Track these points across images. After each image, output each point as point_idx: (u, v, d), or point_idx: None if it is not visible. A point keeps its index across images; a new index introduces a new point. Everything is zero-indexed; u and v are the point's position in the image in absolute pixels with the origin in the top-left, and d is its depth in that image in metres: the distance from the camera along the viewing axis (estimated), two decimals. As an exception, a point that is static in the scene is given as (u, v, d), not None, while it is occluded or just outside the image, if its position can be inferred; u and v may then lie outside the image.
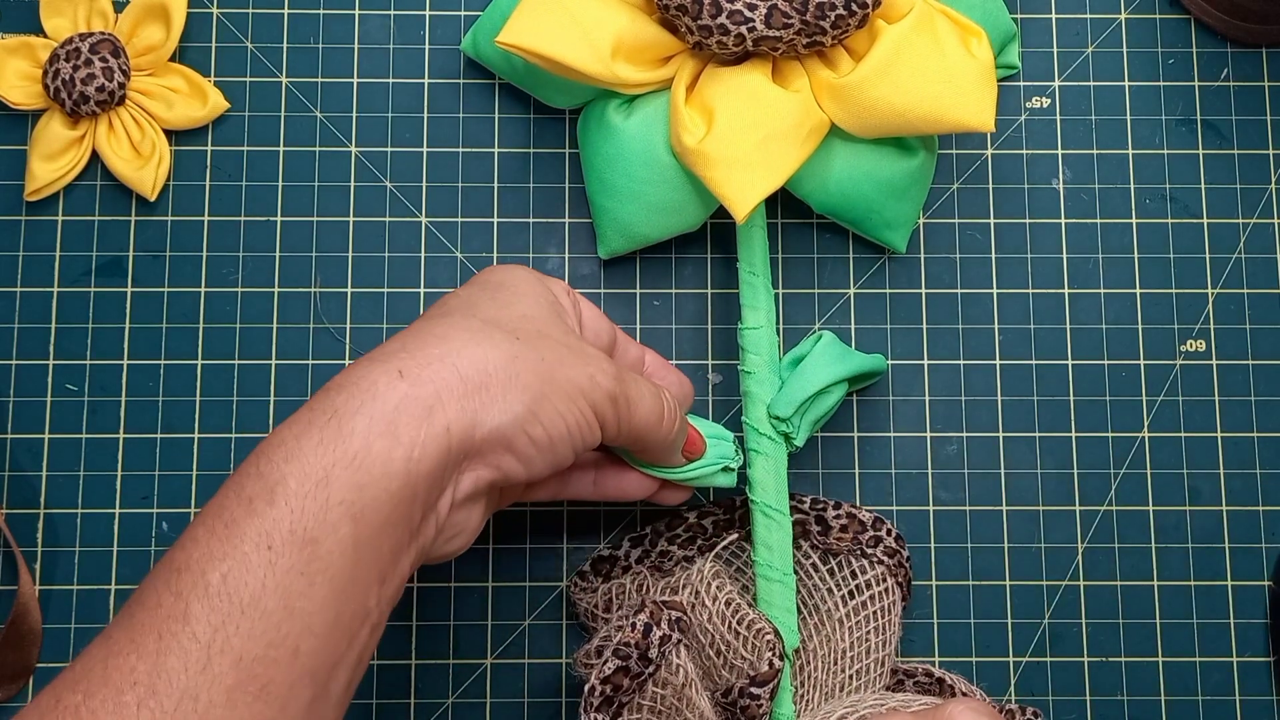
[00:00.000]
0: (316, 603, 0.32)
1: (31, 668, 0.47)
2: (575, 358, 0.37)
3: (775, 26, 0.43)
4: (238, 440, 0.48)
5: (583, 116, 0.48)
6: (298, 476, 0.32)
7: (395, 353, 0.35)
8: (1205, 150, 0.51)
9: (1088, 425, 0.49)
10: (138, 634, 0.31)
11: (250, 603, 0.31)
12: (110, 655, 0.31)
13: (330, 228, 0.50)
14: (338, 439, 0.33)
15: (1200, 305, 0.50)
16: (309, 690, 0.32)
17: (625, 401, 0.38)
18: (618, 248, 0.48)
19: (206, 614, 0.31)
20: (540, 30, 0.43)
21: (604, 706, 0.39)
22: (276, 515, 0.32)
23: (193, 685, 0.30)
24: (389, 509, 0.33)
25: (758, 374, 0.45)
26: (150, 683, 0.30)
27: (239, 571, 0.31)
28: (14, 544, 0.47)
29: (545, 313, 0.39)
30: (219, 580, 0.31)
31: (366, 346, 0.49)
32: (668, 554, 0.47)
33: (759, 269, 0.46)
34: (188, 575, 0.31)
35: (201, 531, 0.32)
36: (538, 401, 0.36)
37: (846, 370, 0.45)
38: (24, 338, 0.49)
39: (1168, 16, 0.52)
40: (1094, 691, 0.48)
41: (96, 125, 0.49)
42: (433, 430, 0.34)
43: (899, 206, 0.47)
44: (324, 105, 0.50)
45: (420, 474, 0.33)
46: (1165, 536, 0.48)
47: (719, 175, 0.43)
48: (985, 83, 0.44)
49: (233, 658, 0.31)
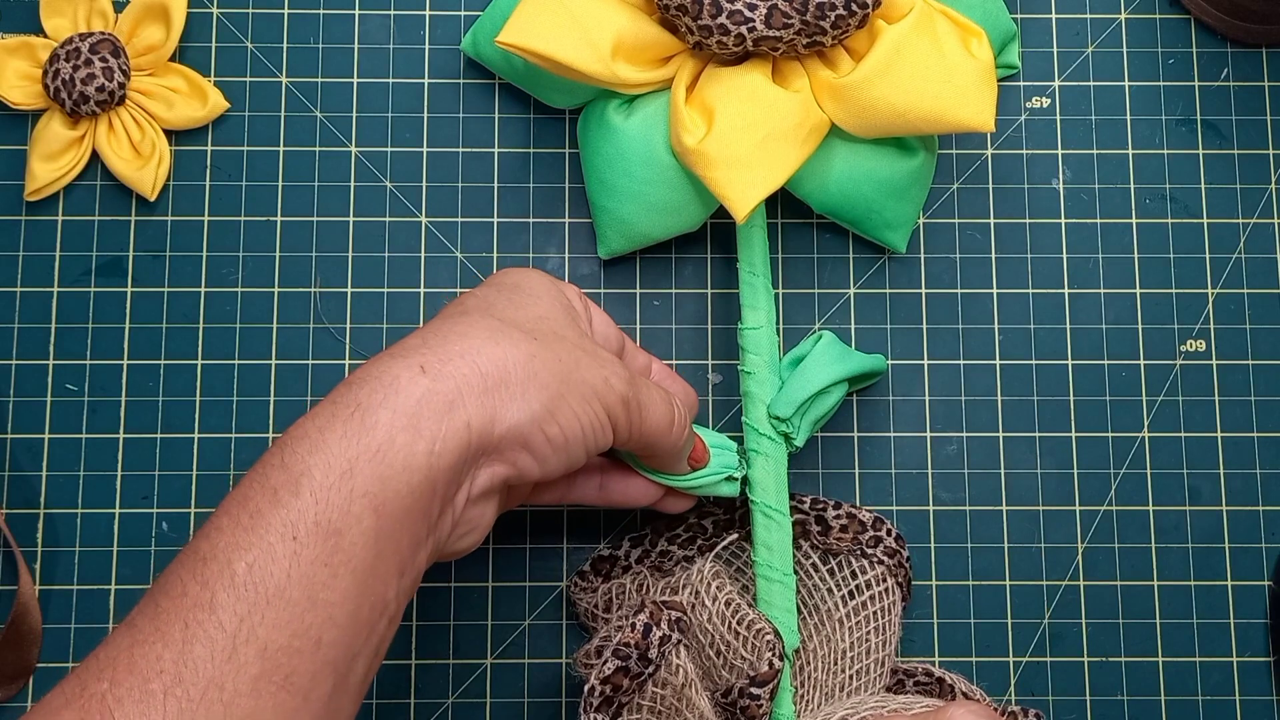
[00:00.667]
0: (339, 594, 0.32)
1: (31, 668, 0.47)
2: (591, 359, 0.38)
3: (775, 26, 0.43)
4: (238, 440, 0.48)
5: (583, 117, 0.48)
6: (322, 468, 0.32)
7: (417, 348, 0.35)
8: (1205, 150, 0.51)
9: (1088, 425, 0.49)
10: (163, 623, 0.31)
11: (275, 593, 0.31)
12: (136, 644, 0.31)
13: (330, 228, 0.50)
14: (361, 431, 0.33)
15: (1200, 305, 0.50)
16: (330, 680, 0.32)
17: (637, 405, 0.39)
18: (618, 248, 0.48)
19: (233, 603, 0.31)
20: (540, 30, 0.43)
21: (604, 707, 0.39)
22: (302, 506, 0.32)
23: (218, 674, 0.30)
24: (410, 502, 0.33)
25: (758, 374, 0.45)
26: (176, 671, 0.30)
27: (265, 561, 0.31)
28: (14, 544, 0.47)
29: (560, 315, 0.39)
30: (245, 570, 0.31)
31: (366, 346, 0.49)
32: (668, 554, 0.47)
33: (759, 269, 0.46)
34: (213, 564, 0.32)
35: (226, 521, 0.32)
36: (555, 401, 0.36)
37: (847, 370, 0.45)
38: (24, 338, 0.49)
39: (1168, 16, 0.52)
40: (1094, 691, 0.48)
41: (96, 125, 0.49)
42: (454, 425, 0.34)
43: (899, 206, 0.47)
44: (324, 105, 0.50)
45: (441, 468, 0.34)
46: (1165, 536, 0.48)
47: (719, 175, 0.43)
48: (985, 83, 0.44)
49: (258, 647, 0.31)
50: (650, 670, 0.39)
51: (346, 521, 0.32)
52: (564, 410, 0.36)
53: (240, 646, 0.31)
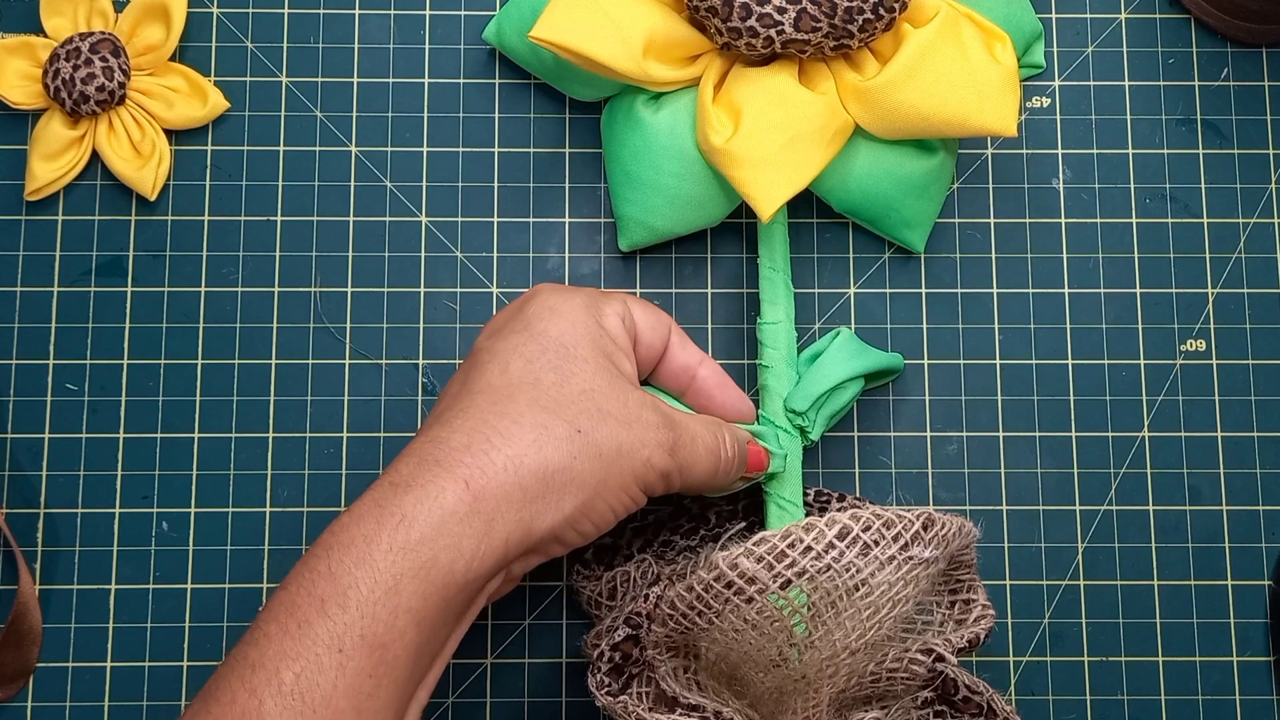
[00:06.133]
0: (381, 701, 0.33)
1: (31, 668, 0.47)
2: (633, 439, 0.38)
3: (804, 30, 0.43)
4: (238, 440, 0.48)
5: (607, 110, 0.48)
6: (369, 583, 0.34)
7: (461, 454, 0.36)
8: (1205, 150, 0.51)
9: (1088, 425, 0.49)
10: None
11: (321, 703, 0.32)
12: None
13: (330, 228, 0.50)
14: (406, 548, 0.34)
15: (1200, 305, 0.50)
16: None
17: (679, 472, 0.40)
18: (639, 240, 0.48)
19: (280, 712, 0.32)
20: (575, 27, 0.43)
21: (613, 674, 0.39)
22: (348, 620, 0.33)
23: None
24: (447, 612, 0.35)
25: (775, 368, 0.45)
26: None
27: (311, 672, 0.32)
28: (14, 544, 0.47)
29: (604, 380, 0.39)
30: (292, 679, 0.32)
31: (366, 346, 0.49)
32: (670, 543, 0.47)
33: (779, 264, 0.46)
34: (262, 673, 0.33)
35: (274, 629, 0.33)
36: (591, 499, 0.37)
37: (863, 366, 0.46)
38: (24, 338, 0.49)
39: (1168, 16, 0.52)
40: (1094, 691, 0.48)
41: (96, 125, 0.49)
42: (492, 544, 0.35)
43: (918, 205, 0.48)
44: (324, 105, 0.50)
45: (477, 578, 0.35)
46: (1165, 536, 0.49)
47: (745, 175, 0.44)
48: (1008, 88, 0.44)
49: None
50: None
51: (391, 636, 0.33)
52: (599, 505, 0.38)
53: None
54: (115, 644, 0.47)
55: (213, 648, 0.47)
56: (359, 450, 0.48)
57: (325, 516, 0.48)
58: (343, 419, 0.49)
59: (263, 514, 0.48)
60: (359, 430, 0.48)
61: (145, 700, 0.47)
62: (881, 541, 0.38)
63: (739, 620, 0.38)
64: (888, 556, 0.38)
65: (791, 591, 0.38)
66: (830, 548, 0.37)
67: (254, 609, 0.47)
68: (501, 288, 0.50)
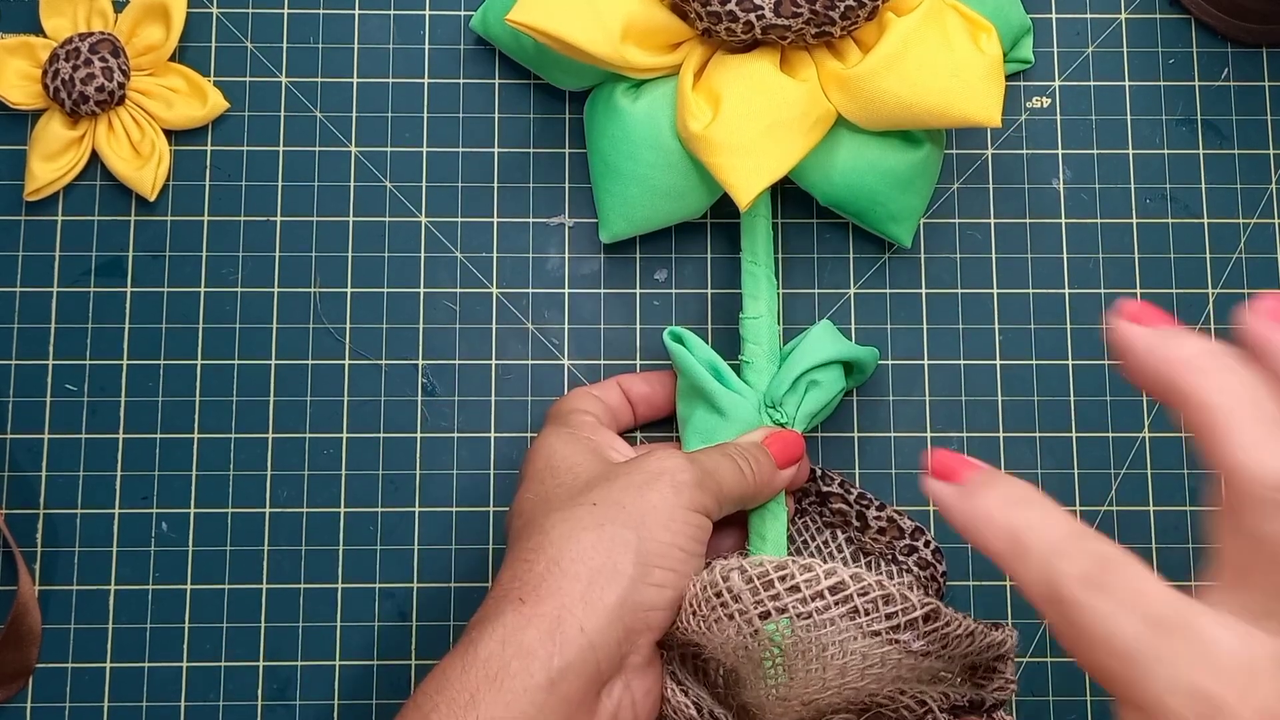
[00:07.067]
0: None
1: (31, 668, 0.47)
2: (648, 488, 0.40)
3: (784, 15, 0.43)
4: (237, 440, 0.48)
5: (590, 99, 0.48)
6: (448, 703, 0.36)
7: (508, 585, 0.38)
8: (1205, 150, 0.51)
9: (1088, 425, 0.49)
10: None
11: None
12: None
13: (330, 228, 0.50)
14: (475, 663, 0.36)
15: (1200, 305, 0.50)
16: None
17: (713, 479, 0.41)
18: (619, 231, 0.48)
19: None
20: (552, 10, 0.43)
21: None
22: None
23: None
24: (537, 715, 0.36)
25: (755, 364, 0.45)
26: None
27: None
28: (14, 544, 0.47)
29: (601, 478, 0.41)
30: None
31: (366, 346, 0.49)
32: None
33: (761, 259, 0.46)
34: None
35: None
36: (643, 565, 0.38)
37: (837, 352, 0.45)
38: (24, 338, 0.49)
39: (1168, 16, 0.52)
40: (1094, 692, 0.48)
41: (96, 125, 0.49)
42: (565, 636, 0.36)
43: (904, 199, 0.47)
44: (324, 105, 0.50)
45: (567, 673, 0.36)
46: (1165, 536, 0.48)
47: (723, 161, 0.43)
48: (993, 78, 0.44)
49: None
50: None
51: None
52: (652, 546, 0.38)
53: None
54: (115, 644, 0.47)
55: (212, 648, 0.47)
56: (358, 451, 0.48)
57: (325, 517, 0.48)
58: (342, 419, 0.48)
59: (262, 514, 0.48)
60: (358, 431, 0.48)
61: (145, 701, 0.47)
62: (873, 613, 0.37)
63: (723, 634, 0.38)
64: (872, 630, 0.37)
65: (768, 626, 0.37)
66: (819, 597, 0.37)
67: (254, 609, 0.47)
68: (501, 288, 0.50)
